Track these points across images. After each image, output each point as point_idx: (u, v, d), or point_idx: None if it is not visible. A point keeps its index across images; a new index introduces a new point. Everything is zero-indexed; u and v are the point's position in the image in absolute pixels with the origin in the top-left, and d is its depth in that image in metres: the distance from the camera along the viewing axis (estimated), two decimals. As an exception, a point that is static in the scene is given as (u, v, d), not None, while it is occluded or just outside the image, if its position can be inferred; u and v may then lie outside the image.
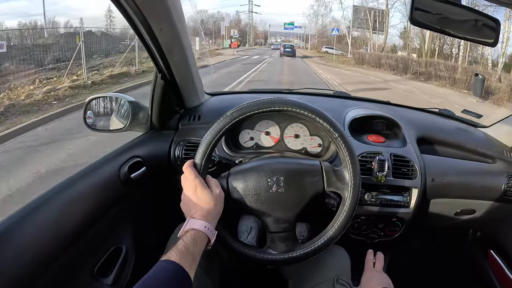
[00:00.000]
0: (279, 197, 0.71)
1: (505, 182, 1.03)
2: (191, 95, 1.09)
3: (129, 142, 0.98)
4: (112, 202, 0.84)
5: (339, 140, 0.71)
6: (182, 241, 0.60)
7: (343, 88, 9.01)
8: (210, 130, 0.70)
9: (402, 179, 0.96)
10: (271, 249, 0.73)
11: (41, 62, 8.58)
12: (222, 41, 29.48)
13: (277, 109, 0.71)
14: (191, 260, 0.58)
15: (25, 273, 0.60)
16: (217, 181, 0.71)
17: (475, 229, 1.23)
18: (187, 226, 0.63)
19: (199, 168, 0.69)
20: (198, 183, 0.67)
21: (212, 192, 0.67)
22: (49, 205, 0.69)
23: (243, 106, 0.70)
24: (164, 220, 0.94)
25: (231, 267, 0.88)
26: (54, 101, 6.06)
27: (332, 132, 0.71)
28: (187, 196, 0.67)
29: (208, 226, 0.64)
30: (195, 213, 0.65)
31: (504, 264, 1.13)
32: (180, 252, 0.57)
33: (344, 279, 0.77)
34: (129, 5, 0.69)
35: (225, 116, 0.70)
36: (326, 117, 0.71)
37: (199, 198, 0.66)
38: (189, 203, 0.67)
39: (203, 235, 0.63)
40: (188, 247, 0.59)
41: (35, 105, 5.69)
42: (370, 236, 1.02)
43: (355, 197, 0.71)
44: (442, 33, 0.80)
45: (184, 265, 0.55)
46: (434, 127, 1.16)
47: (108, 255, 0.84)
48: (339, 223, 0.71)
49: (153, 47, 0.84)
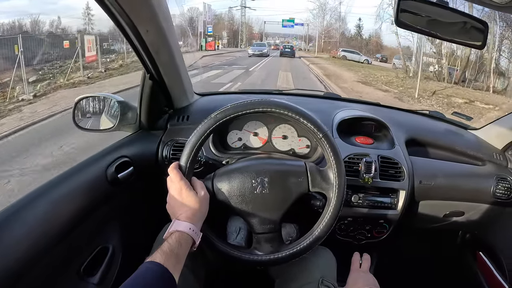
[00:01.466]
0: (264, 198, 0.71)
1: (494, 185, 1.04)
2: (180, 95, 1.09)
3: (117, 142, 0.98)
4: (99, 202, 0.84)
5: (323, 140, 0.71)
6: (167, 242, 0.61)
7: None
8: (195, 132, 0.70)
9: (390, 181, 0.97)
10: (257, 250, 0.73)
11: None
12: (199, 40, 22.98)
13: (261, 110, 0.71)
14: (176, 262, 0.59)
15: (11, 272, 0.60)
16: (202, 183, 0.72)
17: (464, 231, 1.23)
18: (172, 227, 0.64)
19: (184, 170, 0.69)
20: (183, 185, 0.67)
21: (197, 194, 0.68)
22: (36, 204, 0.69)
23: (228, 108, 0.70)
24: (151, 220, 0.94)
25: (217, 267, 0.88)
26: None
27: (316, 132, 0.71)
28: (173, 198, 0.68)
29: (193, 228, 0.65)
30: (180, 215, 0.66)
31: (493, 266, 1.13)
32: (165, 254, 0.58)
33: (329, 281, 0.78)
34: (114, 7, 0.69)
35: (209, 118, 0.70)
36: (310, 117, 0.71)
37: (184, 200, 0.67)
38: (175, 205, 0.67)
39: (188, 237, 0.63)
40: (173, 249, 0.59)
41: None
42: (357, 237, 1.03)
43: (340, 197, 0.71)
44: (429, 35, 0.80)
45: (168, 266, 0.56)
46: (424, 129, 1.16)
47: (95, 255, 0.85)
48: (325, 224, 0.71)
49: (140, 47, 0.84)
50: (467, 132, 1.22)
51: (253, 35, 32.67)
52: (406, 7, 0.75)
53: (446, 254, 1.32)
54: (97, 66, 10.70)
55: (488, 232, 1.13)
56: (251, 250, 0.74)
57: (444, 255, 1.32)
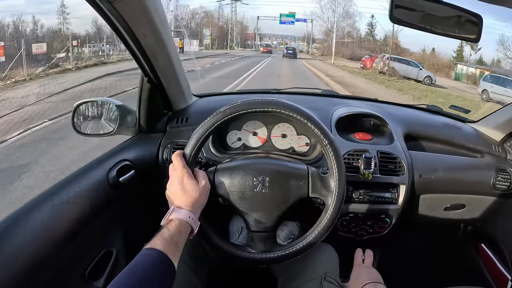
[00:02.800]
0: (263, 197, 0.72)
1: (494, 176, 1.04)
2: (178, 97, 1.09)
3: (118, 145, 0.99)
4: (101, 206, 0.85)
5: (328, 147, 0.71)
6: (167, 229, 0.60)
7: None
8: (203, 123, 0.71)
9: (390, 176, 0.97)
10: (250, 248, 0.74)
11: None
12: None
13: (270, 110, 0.71)
14: (175, 249, 0.59)
15: (17, 278, 0.60)
16: (204, 173, 0.72)
17: (466, 224, 1.23)
18: (171, 215, 0.64)
19: (188, 159, 0.70)
20: (185, 173, 0.67)
21: (198, 183, 0.68)
22: (40, 210, 0.69)
23: (238, 104, 0.71)
24: (153, 223, 0.94)
25: (219, 266, 0.89)
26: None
27: (323, 139, 0.71)
28: (173, 185, 0.68)
29: (192, 216, 0.65)
30: (180, 203, 0.66)
31: (495, 257, 1.14)
32: (165, 241, 0.58)
33: (332, 277, 0.78)
34: (111, 12, 0.69)
35: (218, 112, 0.70)
36: (318, 123, 0.71)
37: (185, 188, 0.67)
38: (175, 193, 0.67)
39: (187, 225, 0.64)
40: (173, 236, 0.59)
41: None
42: (359, 233, 1.03)
43: (338, 206, 0.71)
44: (423, 30, 0.80)
45: (168, 253, 0.56)
46: (422, 123, 1.17)
47: (99, 259, 0.85)
48: (319, 230, 0.72)
49: (137, 51, 0.84)
50: (465, 125, 1.23)
51: (247, 36, 29.35)
52: (401, 3, 0.75)
53: (448, 247, 1.32)
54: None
55: (489, 223, 1.14)
56: (244, 247, 0.74)
57: (446, 248, 1.33)
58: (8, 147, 3.99)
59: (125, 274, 0.52)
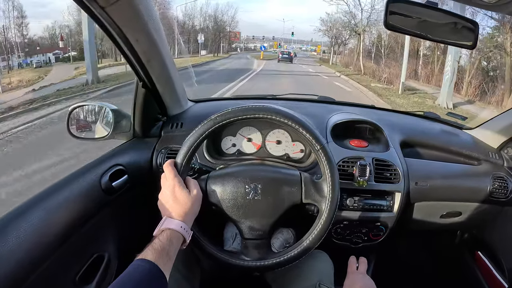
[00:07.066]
0: (256, 205, 0.71)
1: (491, 183, 1.03)
2: (174, 102, 1.08)
3: (111, 150, 0.98)
4: (93, 211, 0.84)
5: (320, 152, 0.71)
6: (158, 240, 0.60)
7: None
8: (194, 132, 0.70)
9: (385, 184, 0.96)
10: (244, 255, 0.73)
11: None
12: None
13: (261, 117, 0.71)
14: (167, 259, 0.58)
15: (6, 282, 0.59)
16: (196, 182, 0.71)
17: (462, 231, 1.22)
18: (163, 225, 0.63)
19: (179, 168, 0.69)
20: (177, 182, 0.67)
21: (190, 192, 0.68)
22: (31, 214, 0.68)
23: (228, 111, 0.70)
24: (146, 228, 0.93)
25: (213, 276, 0.88)
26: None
27: (314, 144, 0.71)
28: (165, 194, 0.67)
29: (184, 226, 0.64)
30: (172, 213, 0.65)
31: (492, 265, 1.13)
32: (156, 251, 0.57)
33: (327, 284, 0.78)
34: (102, 17, 0.69)
35: (209, 120, 0.70)
36: (309, 128, 0.71)
37: (177, 197, 0.66)
38: (167, 202, 0.67)
39: (178, 235, 0.63)
40: (164, 246, 0.59)
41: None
42: (354, 240, 1.02)
43: (332, 211, 0.71)
44: (419, 37, 0.80)
45: (159, 264, 0.56)
46: (418, 130, 1.16)
47: (90, 263, 0.84)
48: (314, 235, 0.71)
49: (132, 56, 0.84)
50: (462, 132, 1.22)
51: (231, 37, 26.99)
52: (395, 9, 0.75)
53: (444, 254, 1.31)
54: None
55: (486, 231, 1.13)
56: (238, 255, 0.73)
57: (443, 256, 1.32)
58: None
59: (115, 285, 0.52)
